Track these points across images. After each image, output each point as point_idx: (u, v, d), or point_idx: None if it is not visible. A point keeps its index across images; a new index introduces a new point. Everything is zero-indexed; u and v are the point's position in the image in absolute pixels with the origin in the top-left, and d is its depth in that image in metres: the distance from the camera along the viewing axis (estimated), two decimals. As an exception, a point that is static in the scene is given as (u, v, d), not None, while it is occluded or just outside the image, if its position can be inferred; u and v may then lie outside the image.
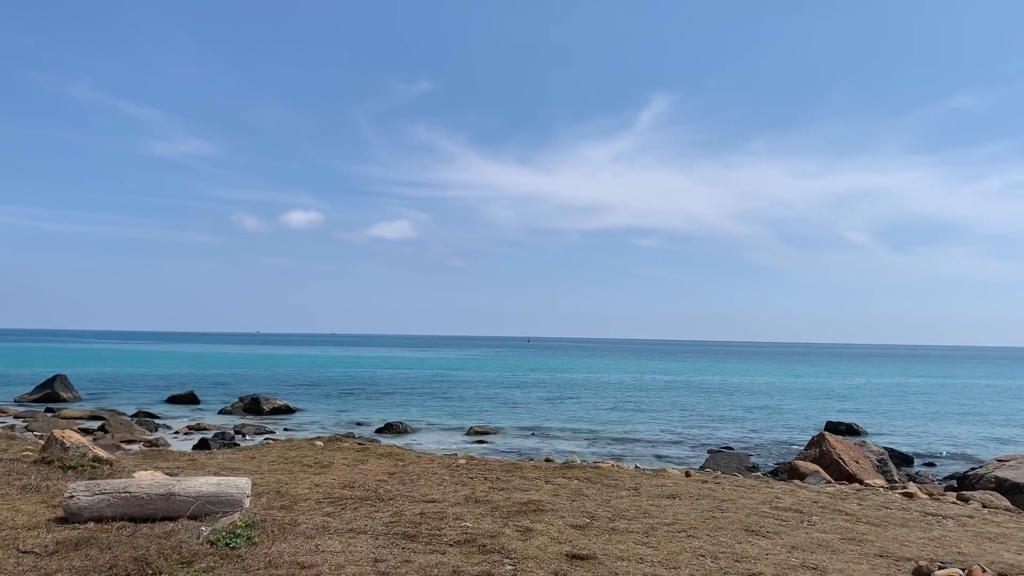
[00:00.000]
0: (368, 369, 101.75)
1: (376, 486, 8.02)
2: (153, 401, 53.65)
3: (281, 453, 9.55)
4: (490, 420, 46.31)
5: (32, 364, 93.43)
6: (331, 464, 8.77)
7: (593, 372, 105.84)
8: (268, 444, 10.17)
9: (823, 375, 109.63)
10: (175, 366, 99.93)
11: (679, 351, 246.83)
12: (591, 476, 9.18)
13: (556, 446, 37.05)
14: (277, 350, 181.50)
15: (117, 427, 37.18)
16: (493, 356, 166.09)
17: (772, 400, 66.82)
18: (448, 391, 68.69)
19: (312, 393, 63.07)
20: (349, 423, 45.24)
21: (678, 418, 50.78)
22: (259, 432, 39.12)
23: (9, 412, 44.74)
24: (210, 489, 6.80)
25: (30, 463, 8.25)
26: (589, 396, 67.01)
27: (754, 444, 39.52)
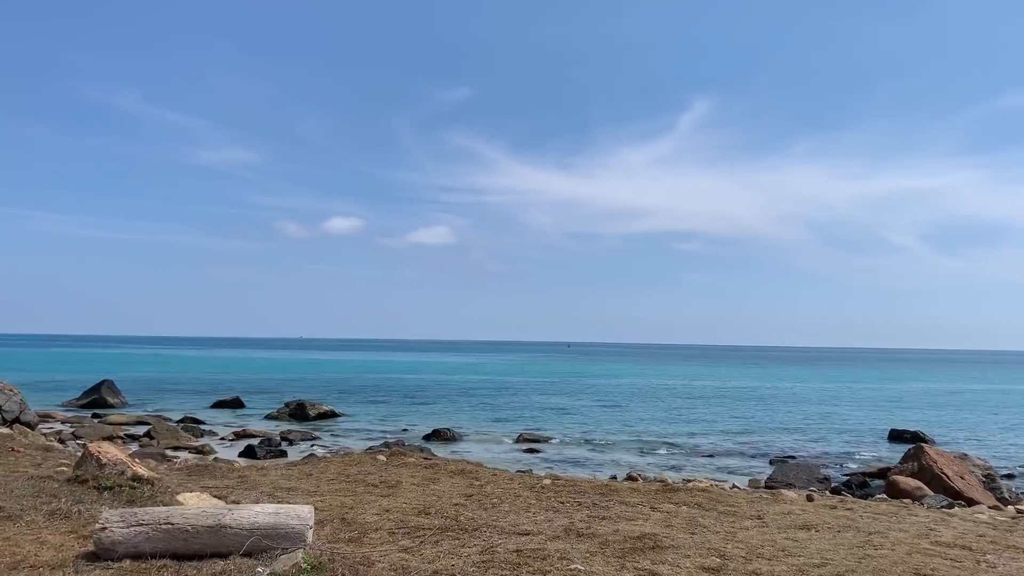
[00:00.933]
0: (411, 374, 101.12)
1: (455, 512, 6.84)
2: (199, 406, 53.28)
3: (341, 469, 8.48)
4: (538, 427, 45.01)
5: (80, 369, 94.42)
6: (398, 483, 7.63)
7: (640, 378, 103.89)
8: (326, 459, 9.10)
9: (877, 380, 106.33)
10: (220, 371, 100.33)
11: (723, 356, 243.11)
12: (701, 501, 7.90)
13: (611, 456, 35.60)
14: (320, 355, 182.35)
15: (163, 433, 36.63)
16: (535, 361, 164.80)
17: (827, 406, 64.40)
18: (493, 397, 67.50)
19: (357, 398, 62.33)
20: (395, 429, 44.27)
21: (732, 425, 48.92)
22: (305, 439, 38.30)
23: (57, 417, 44.62)
24: (267, 520, 5.64)
25: (62, 482, 7.18)
26: (638, 403, 65.32)
27: (816, 453, 37.60)
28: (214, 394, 61.10)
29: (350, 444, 37.58)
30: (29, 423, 29.98)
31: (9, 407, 29.81)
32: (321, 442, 38.04)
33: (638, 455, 35.94)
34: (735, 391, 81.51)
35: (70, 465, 8.53)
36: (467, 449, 36.23)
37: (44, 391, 61.22)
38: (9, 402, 30.02)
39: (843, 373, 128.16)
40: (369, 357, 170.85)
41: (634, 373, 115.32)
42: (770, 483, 25.93)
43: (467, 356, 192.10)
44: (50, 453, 9.90)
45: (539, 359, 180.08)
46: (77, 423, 42.60)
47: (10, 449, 9.81)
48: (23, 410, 30.38)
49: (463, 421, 48.04)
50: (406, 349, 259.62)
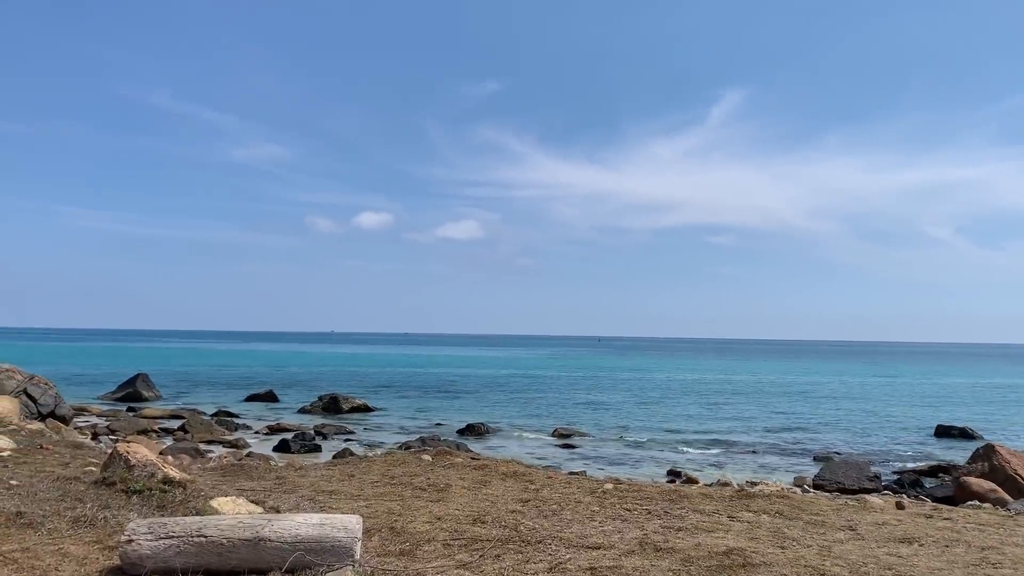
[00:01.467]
0: (442, 368, 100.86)
1: (513, 521, 6.17)
2: (232, 400, 53.29)
3: (385, 470, 7.87)
4: (572, 422, 44.30)
5: (115, 363, 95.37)
6: (448, 487, 6.99)
7: (673, 372, 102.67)
8: (368, 458, 8.49)
9: (916, 375, 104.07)
10: (253, 365, 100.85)
11: (756, 350, 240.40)
12: (783, 509, 7.14)
13: (649, 452, 34.79)
14: (351, 349, 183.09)
15: (197, 427, 36.49)
16: (565, 355, 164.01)
17: (868, 402, 62.87)
18: (524, 391, 66.88)
19: (389, 392, 62.06)
20: (428, 424, 43.85)
21: (770, 421, 47.82)
22: (339, 433, 37.96)
23: (92, 411, 44.77)
24: (310, 531, 5.01)
25: (89, 484, 6.63)
26: (673, 397, 64.29)
27: (860, 450, 36.42)
28: (247, 388, 61.17)
29: (384, 439, 37.18)
30: (64, 417, 29.86)
31: (44, 401, 29.72)
32: (355, 437, 37.68)
33: (677, 451, 35.08)
34: (771, 386, 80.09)
35: (99, 465, 8.00)
36: (501, 444, 35.65)
37: (80, 385, 61.70)
38: (44, 396, 29.93)
39: (881, 367, 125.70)
40: (399, 351, 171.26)
41: (667, 367, 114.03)
42: (818, 481, 24.97)
43: (497, 350, 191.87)
44: (79, 451, 9.40)
45: (569, 353, 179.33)
46: (112, 416, 42.69)
47: (38, 447, 9.33)
48: (58, 404, 30.28)
49: (496, 416, 47.48)
50: (435, 343, 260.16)
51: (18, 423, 11.11)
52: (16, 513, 5.82)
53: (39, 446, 9.45)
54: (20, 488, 6.65)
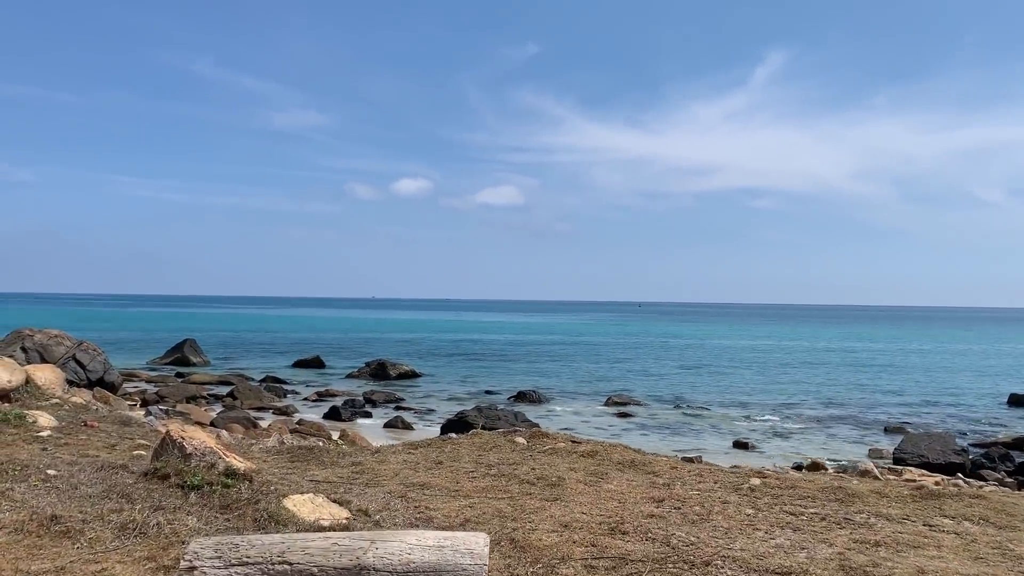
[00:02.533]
0: (485, 334, 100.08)
1: (660, 530, 4.90)
2: (279, 366, 52.95)
3: (476, 455, 6.70)
4: (624, 389, 43.05)
5: (162, 329, 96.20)
6: (561, 481, 5.78)
7: (722, 338, 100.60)
8: (452, 439, 7.34)
9: (975, 341, 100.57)
10: (299, 330, 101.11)
11: (802, 316, 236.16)
12: (987, 514, 5.79)
13: (709, 422, 33.42)
14: (393, 314, 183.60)
15: (246, 394, 35.97)
16: (609, 321, 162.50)
17: (929, 369, 60.50)
18: (571, 358, 65.68)
19: (435, 358, 61.35)
20: (478, 391, 42.95)
21: (830, 390, 46.02)
22: (388, 400, 37.17)
23: (141, 376, 44.63)
24: (425, 556, 3.81)
25: (138, 475, 5.53)
26: (724, 364, 62.59)
27: (931, 420, 34.59)
28: (294, 353, 60.86)
29: (435, 406, 36.34)
30: (113, 383, 29.38)
31: (93, 367, 29.24)
32: (405, 404, 36.90)
33: (739, 421, 33.64)
34: (826, 353, 77.81)
35: (149, 448, 6.93)
36: (555, 412, 34.58)
37: (128, 350, 61.96)
38: (93, 362, 29.45)
39: (937, 333, 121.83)
40: (440, 317, 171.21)
41: (715, 334, 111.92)
42: (899, 455, 23.42)
43: (539, 316, 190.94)
44: (127, 429, 8.38)
45: (612, 319, 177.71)
46: (161, 382, 42.47)
47: (82, 423, 8.31)
48: (107, 370, 29.81)
49: (545, 383, 46.42)
50: (476, 309, 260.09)
51: (62, 395, 10.12)
52: (51, 517, 4.69)
53: (83, 423, 8.41)
54: (58, 480, 5.54)
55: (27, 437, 7.25)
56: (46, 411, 8.85)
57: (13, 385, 9.35)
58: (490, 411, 23.95)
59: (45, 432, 7.47)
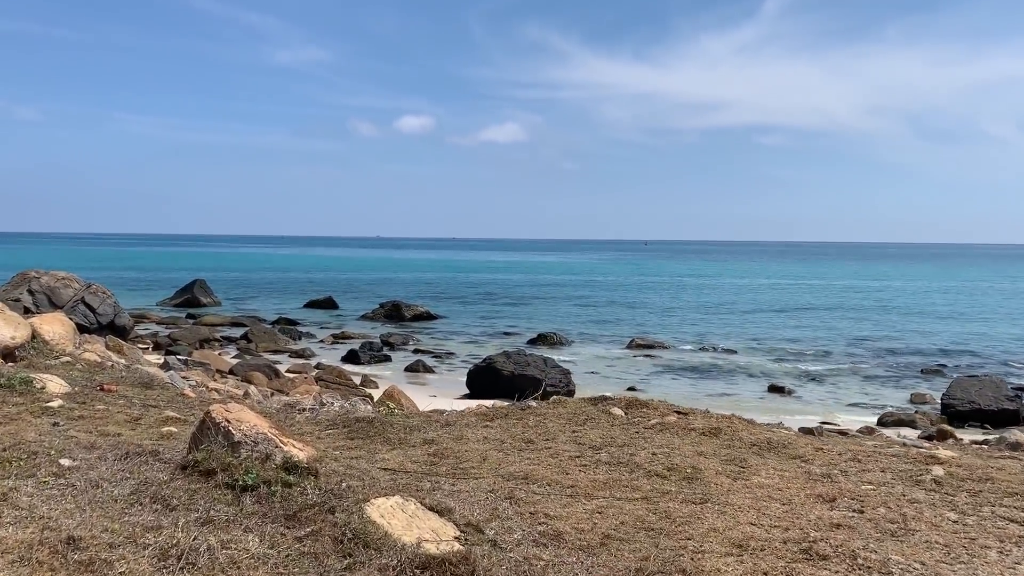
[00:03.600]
0: (496, 274, 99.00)
1: (860, 548, 3.79)
2: (291, 307, 51.99)
3: (569, 431, 5.51)
4: (645, 330, 42.03)
5: (169, 268, 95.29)
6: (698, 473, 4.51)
7: (736, 277, 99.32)
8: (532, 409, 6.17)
9: (994, 278, 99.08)
10: (308, 270, 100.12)
11: (813, 253, 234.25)
12: None
13: (738, 363, 32.45)
14: (401, 254, 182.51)
15: (260, 336, 35.01)
16: (619, 260, 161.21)
17: (955, 307, 59.25)
18: (586, 297, 64.60)
19: (448, 299, 60.34)
20: (495, 332, 41.99)
21: (857, 330, 44.91)
22: (406, 342, 36.20)
23: (152, 318, 43.70)
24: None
25: (173, 468, 4.40)
26: (744, 303, 61.45)
27: (969, 363, 33.44)
28: (305, 294, 59.85)
29: (454, 348, 35.36)
30: (124, 327, 28.37)
31: (103, 310, 28.21)
32: (423, 346, 35.95)
33: (767, 363, 32.64)
34: (846, 292, 76.53)
35: (180, 422, 5.79)
36: (579, 355, 33.61)
37: (136, 290, 61.03)
38: (103, 305, 28.41)
39: (956, 271, 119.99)
40: (449, 256, 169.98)
41: (729, 272, 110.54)
42: (948, 401, 22.34)
43: (548, 255, 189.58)
44: (150, 392, 7.24)
45: (621, 258, 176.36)
46: (172, 324, 41.55)
47: (98, 387, 7.19)
48: (118, 313, 28.78)
49: (564, 323, 45.42)
50: (482, 248, 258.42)
51: (73, 352, 8.98)
52: (67, 539, 3.55)
53: (99, 387, 7.26)
54: (74, 474, 4.40)
55: (35, 409, 6.10)
56: (56, 372, 7.70)
57: (18, 342, 8.20)
58: (518, 356, 22.89)
59: (56, 402, 6.32)
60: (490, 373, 22.03)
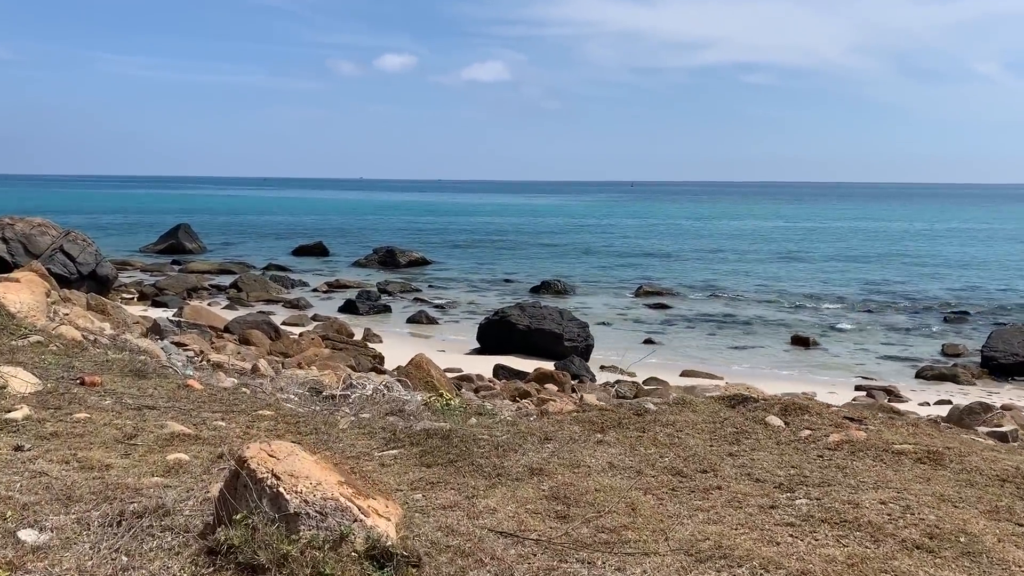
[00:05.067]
0: (487, 217, 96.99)
1: None
2: (280, 252, 50.11)
3: (724, 452, 3.98)
4: (650, 277, 40.61)
5: (151, 212, 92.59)
6: (976, 541, 3.16)
7: (733, 219, 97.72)
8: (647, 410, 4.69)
9: (997, 220, 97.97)
10: (292, 214, 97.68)
11: (803, 194, 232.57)
12: None
13: (753, 312, 31.05)
14: (387, 196, 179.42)
15: (251, 285, 33.28)
16: (609, 202, 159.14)
17: (964, 249, 58.06)
18: (583, 241, 62.94)
19: (442, 243, 58.55)
20: (494, 279, 40.42)
21: (865, 273, 43.63)
22: (405, 291, 34.54)
23: (136, 265, 41.77)
24: None
25: (196, 552, 2.86)
26: (744, 247, 59.97)
27: (990, 310, 32.19)
28: (293, 239, 57.84)
29: (454, 296, 33.75)
30: (107, 277, 26.58)
31: (84, 259, 26.36)
32: (422, 295, 34.34)
33: (784, 312, 31.34)
34: (847, 234, 75.29)
35: (191, 441, 4.21)
36: (585, 304, 32.17)
37: (118, 236, 58.81)
38: (84, 253, 26.55)
39: (952, 212, 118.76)
40: (435, 199, 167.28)
41: (725, 214, 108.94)
42: (989, 353, 21.11)
43: (536, 197, 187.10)
44: (144, 386, 5.62)
45: (612, 200, 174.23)
46: (157, 271, 39.69)
47: (78, 382, 5.57)
48: (99, 262, 26.94)
49: (564, 269, 43.90)
50: (467, 191, 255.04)
51: (45, 325, 7.31)
52: None
53: (79, 380, 5.64)
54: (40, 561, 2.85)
55: (-9, 423, 4.49)
56: (23, 360, 6.06)
57: (-27, 317, 6.54)
58: (533, 309, 21.37)
59: (21, 410, 4.70)
60: (504, 327, 20.51)
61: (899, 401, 17.31)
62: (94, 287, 25.15)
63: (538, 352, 20.28)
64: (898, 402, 17.25)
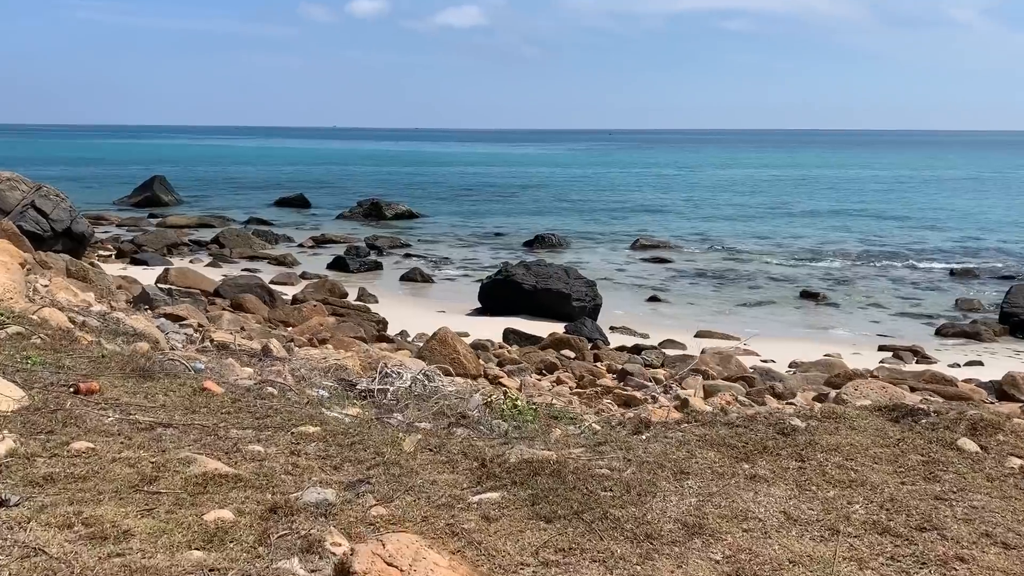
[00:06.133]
0: (469, 167, 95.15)
1: None
2: (260, 204, 48.46)
3: (938, 499, 3.17)
4: (644, 229, 39.59)
5: (123, 163, 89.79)
6: None
7: (718, 168, 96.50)
8: (802, 434, 3.71)
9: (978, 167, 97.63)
10: (270, 164, 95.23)
11: (784, 142, 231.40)
12: None
13: (755, 266, 30.05)
14: (366, 145, 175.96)
15: (233, 240, 31.90)
16: (591, 151, 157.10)
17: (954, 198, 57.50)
18: (568, 192, 61.64)
19: (427, 195, 57.01)
20: (485, 232, 39.21)
21: (860, 223, 42.81)
22: (395, 246, 33.24)
23: (111, 219, 40.06)
24: None
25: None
26: (736, 196, 58.90)
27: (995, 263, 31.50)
28: (272, 190, 56.07)
29: (446, 253, 32.44)
30: (83, 234, 25.17)
31: (57, 215, 24.88)
32: (413, 250, 33.12)
33: (787, 265, 30.48)
34: (838, 182, 74.58)
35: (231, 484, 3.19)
36: (582, 259, 31.14)
37: (91, 188, 56.74)
38: (57, 209, 25.05)
39: (933, 160, 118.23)
40: (415, 148, 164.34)
41: (708, 162, 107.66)
42: (1011, 309, 20.43)
43: (517, 147, 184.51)
44: (154, 387, 4.58)
45: (594, 148, 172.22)
46: (134, 226, 38.09)
47: (71, 391, 4.49)
48: (74, 218, 25.47)
49: (555, 222, 42.77)
50: (444, 139, 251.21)
51: (25, 308, 6.18)
52: None
53: (73, 389, 4.56)
54: None
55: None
56: (3, 360, 4.97)
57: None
58: (538, 268, 20.36)
59: (2, 443, 3.64)
60: (509, 287, 19.49)
61: (927, 362, 16.60)
62: (69, 245, 23.77)
63: (544, 312, 19.32)
64: (926, 363, 16.55)
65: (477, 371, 9.60)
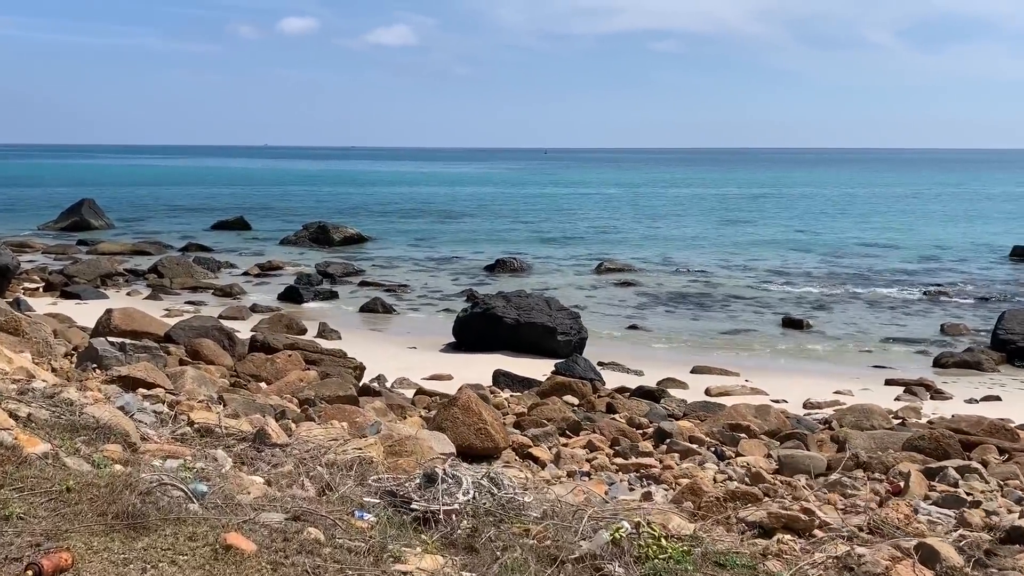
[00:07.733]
0: (413, 187, 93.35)
1: None
2: (197, 229, 45.82)
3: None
4: (602, 251, 38.52)
5: (46, 184, 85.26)
6: None
7: (660, 187, 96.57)
8: None
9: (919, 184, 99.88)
10: (203, 184, 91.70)
11: (715, 160, 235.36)
12: None
13: (726, 291, 29.02)
14: (301, 165, 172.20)
15: (173, 269, 29.57)
16: (530, 170, 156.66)
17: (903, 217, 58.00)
18: (520, 213, 60.41)
19: (373, 217, 55.03)
20: (441, 256, 37.53)
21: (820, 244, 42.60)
22: (348, 273, 31.30)
23: (36, 247, 37.10)
24: None
25: None
26: (687, 215, 58.42)
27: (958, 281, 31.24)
28: (209, 213, 53.35)
29: (404, 278, 30.58)
30: (7, 267, 22.68)
31: (-25, 246, 22.36)
32: (368, 277, 31.25)
33: (757, 290, 29.59)
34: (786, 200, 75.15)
35: None
36: (549, 284, 29.81)
37: (12, 212, 53.25)
38: (-26, 239, 22.52)
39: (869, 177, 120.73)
40: (352, 167, 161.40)
41: (647, 181, 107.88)
42: (1004, 336, 19.83)
43: (455, 165, 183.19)
44: (152, 547, 3.04)
45: (532, 167, 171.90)
46: (62, 253, 35.27)
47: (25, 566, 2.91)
48: (-5, 249, 22.97)
49: (510, 245, 41.43)
50: (381, 158, 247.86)
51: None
52: None
53: (28, 569, 2.90)
54: None
55: None
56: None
57: None
58: (519, 299, 18.92)
59: None
60: (488, 320, 18.00)
61: (942, 398, 15.67)
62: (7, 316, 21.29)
63: (527, 348, 17.89)
64: (941, 399, 15.62)
65: (505, 443, 8.07)
